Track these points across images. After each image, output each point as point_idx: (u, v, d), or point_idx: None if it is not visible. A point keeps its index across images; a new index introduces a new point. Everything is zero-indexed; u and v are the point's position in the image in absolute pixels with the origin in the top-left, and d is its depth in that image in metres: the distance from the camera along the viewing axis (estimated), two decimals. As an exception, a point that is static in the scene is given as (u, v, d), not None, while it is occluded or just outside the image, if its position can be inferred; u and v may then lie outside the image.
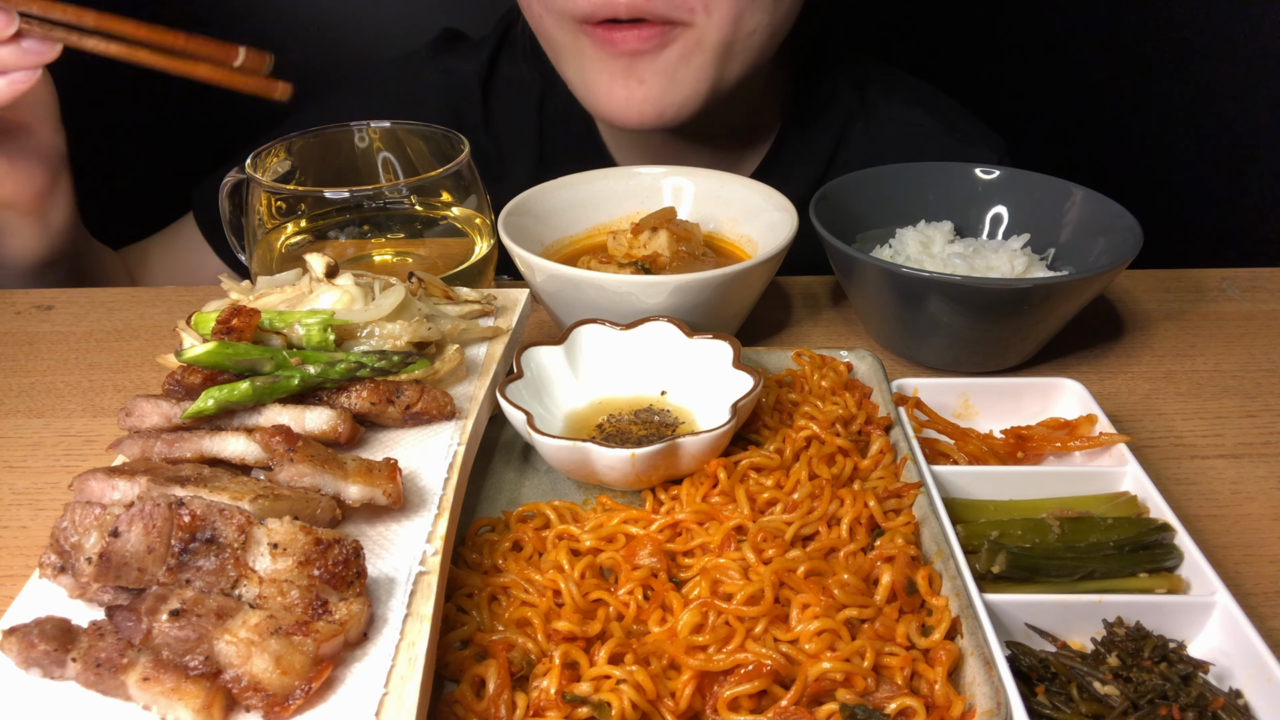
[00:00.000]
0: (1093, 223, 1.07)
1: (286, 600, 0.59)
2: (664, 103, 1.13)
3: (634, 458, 0.75)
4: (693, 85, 1.13)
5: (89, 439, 0.95)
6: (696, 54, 1.11)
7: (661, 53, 1.10)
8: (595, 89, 1.15)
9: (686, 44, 1.10)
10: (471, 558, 0.75)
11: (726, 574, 0.70)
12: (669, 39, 1.10)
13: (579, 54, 1.15)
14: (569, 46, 1.16)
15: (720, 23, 1.09)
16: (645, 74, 1.11)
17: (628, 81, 1.12)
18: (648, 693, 0.61)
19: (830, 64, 1.41)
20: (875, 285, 1.00)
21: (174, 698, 0.54)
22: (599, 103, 1.16)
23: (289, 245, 1.07)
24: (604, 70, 1.13)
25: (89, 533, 0.61)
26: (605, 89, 1.14)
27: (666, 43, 1.10)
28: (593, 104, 1.17)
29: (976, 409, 0.93)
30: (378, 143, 1.14)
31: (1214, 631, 0.68)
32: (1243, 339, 1.11)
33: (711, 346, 0.89)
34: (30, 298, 1.21)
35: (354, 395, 0.76)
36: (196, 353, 0.74)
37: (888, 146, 1.38)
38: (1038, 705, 0.64)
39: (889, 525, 0.75)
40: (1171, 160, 2.19)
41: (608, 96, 1.14)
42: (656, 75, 1.11)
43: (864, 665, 0.63)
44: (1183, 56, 2.10)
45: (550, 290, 0.99)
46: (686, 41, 1.10)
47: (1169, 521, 0.75)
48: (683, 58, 1.11)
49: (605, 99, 1.14)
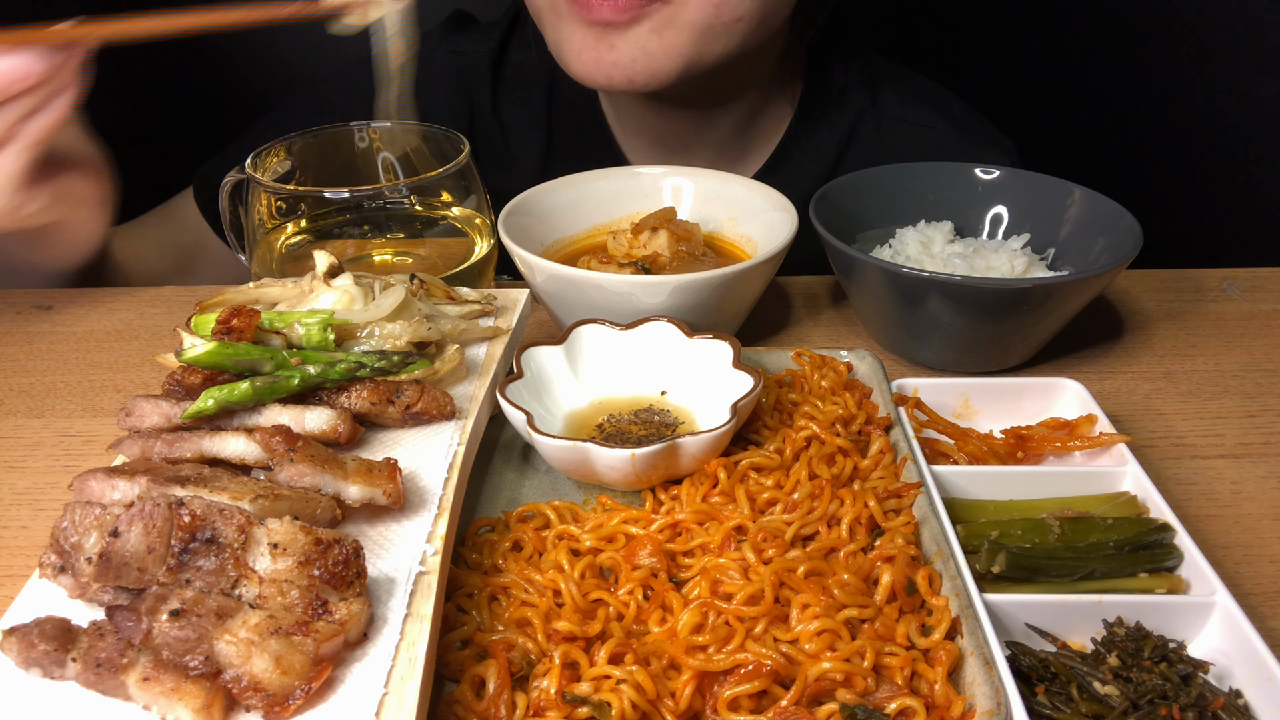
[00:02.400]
0: (1093, 223, 1.07)
1: (286, 600, 0.59)
2: (634, 70, 1.13)
3: (634, 458, 0.75)
4: (664, 60, 1.13)
5: (89, 439, 0.95)
6: (669, 30, 1.11)
7: (634, 26, 1.11)
8: (568, 49, 1.16)
9: (660, 20, 1.11)
10: (471, 558, 0.75)
11: (726, 574, 0.70)
12: (643, 14, 1.10)
13: (555, 14, 1.17)
14: (547, 7, 1.18)
15: (698, 2, 1.10)
16: (617, 42, 1.12)
17: (598, 46, 1.13)
18: (648, 693, 0.61)
19: (842, 60, 1.41)
20: (875, 285, 1.00)
21: (174, 698, 0.54)
22: (571, 62, 1.17)
23: (289, 245, 1.07)
24: (577, 32, 1.14)
25: (89, 533, 0.61)
26: (577, 50, 1.15)
27: (640, 17, 1.10)
28: (565, 63, 1.19)
29: (976, 409, 0.93)
30: (378, 143, 1.14)
31: (1214, 631, 0.68)
32: (1243, 339, 1.11)
33: (711, 346, 0.89)
34: (30, 298, 1.21)
35: (354, 395, 0.76)
36: (196, 353, 0.75)
37: (897, 146, 1.37)
38: (1038, 705, 0.64)
39: (889, 525, 0.75)
40: (1171, 160, 2.19)
41: (579, 58, 1.15)
42: (628, 45, 1.12)
43: (864, 665, 0.63)
44: (1183, 56, 2.10)
45: (550, 290, 0.99)
46: (660, 17, 1.11)
47: (1169, 521, 0.75)
48: (654, 32, 1.11)
49: (576, 60, 1.16)
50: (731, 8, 1.11)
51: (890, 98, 1.41)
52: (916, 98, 1.42)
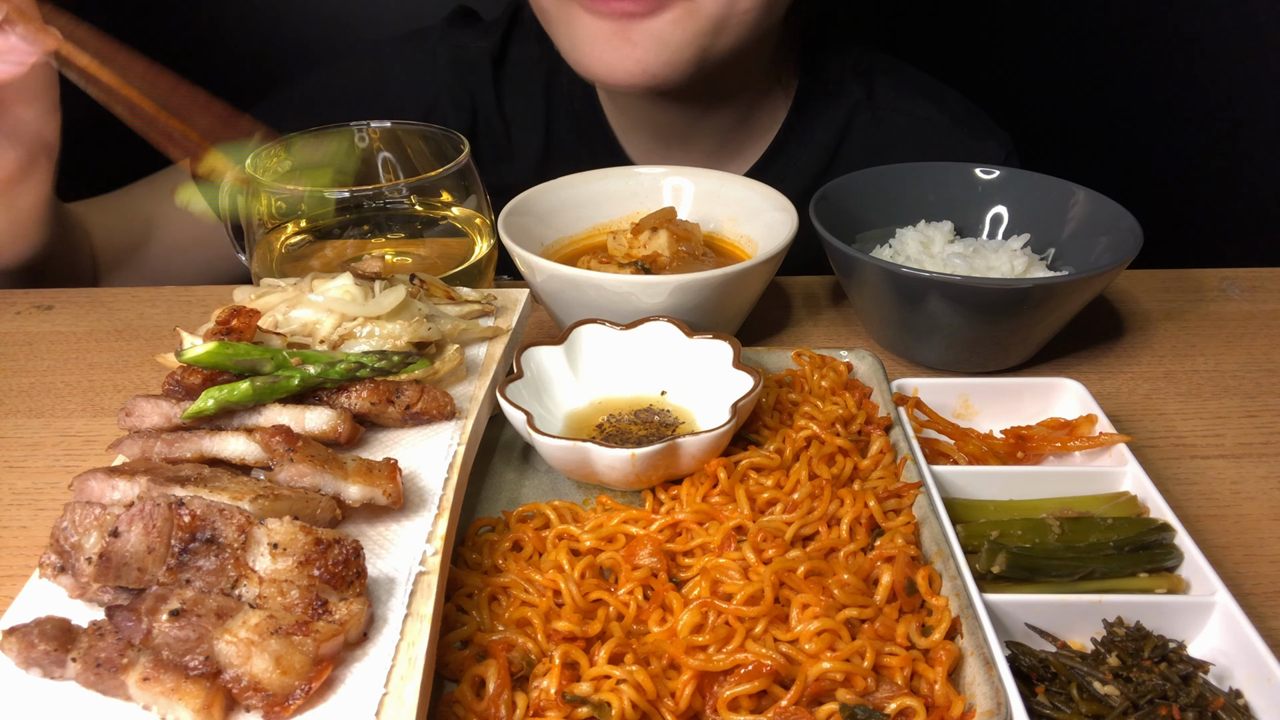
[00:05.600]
0: (1093, 223, 1.07)
1: (286, 600, 0.59)
2: (655, 64, 1.13)
3: (634, 458, 0.75)
4: (680, 50, 1.13)
5: (89, 439, 0.95)
6: (689, 21, 1.12)
7: (654, 17, 1.11)
8: (584, 50, 1.16)
9: (680, 11, 1.11)
10: (471, 558, 0.75)
11: (726, 574, 0.70)
12: (664, 5, 1.10)
13: (569, 18, 1.16)
14: (558, 13, 1.18)
15: None
16: (636, 35, 1.12)
17: (618, 43, 1.13)
18: (648, 693, 0.61)
19: (838, 53, 1.42)
20: (875, 285, 1.00)
21: (174, 698, 0.54)
22: (587, 63, 1.17)
23: (289, 245, 1.07)
24: (594, 32, 1.14)
25: (89, 533, 0.61)
26: (594, 50, 1.15)
27: (659, 8, 1.11)
28: (581, 65, 1.18)
29: (976, 409, 0.93)
30: (378, 143, 1.14)
31: (1214, 631, 0.68)
32: (1243, 339, 1.11)
33: (711, 346, 0.89)
34: (30, 298, 1.21)
35: (354, 395, 0.76)
36: (196, 353, 0.75)
37: (893, 139, 1.38)
38: (1038, 705, 0.64)
39: (889, 525, 0.75)
40: (1171, 160, 2.19)
41: (596, 57, 1.15)
42: (648, 37, 1.12)
43: (864, 665, 0.63)
44: (1184, 56, 2.10)
45: (550, 290, 0.99)
46: (680, 9, 1.11)
47: (1169, 521, 0.75)
48: (675, 23, 1.12)
49: (593, 59, 1.15)
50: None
51: (886, 90, 1.41)
52: (912, 90, 1.43)
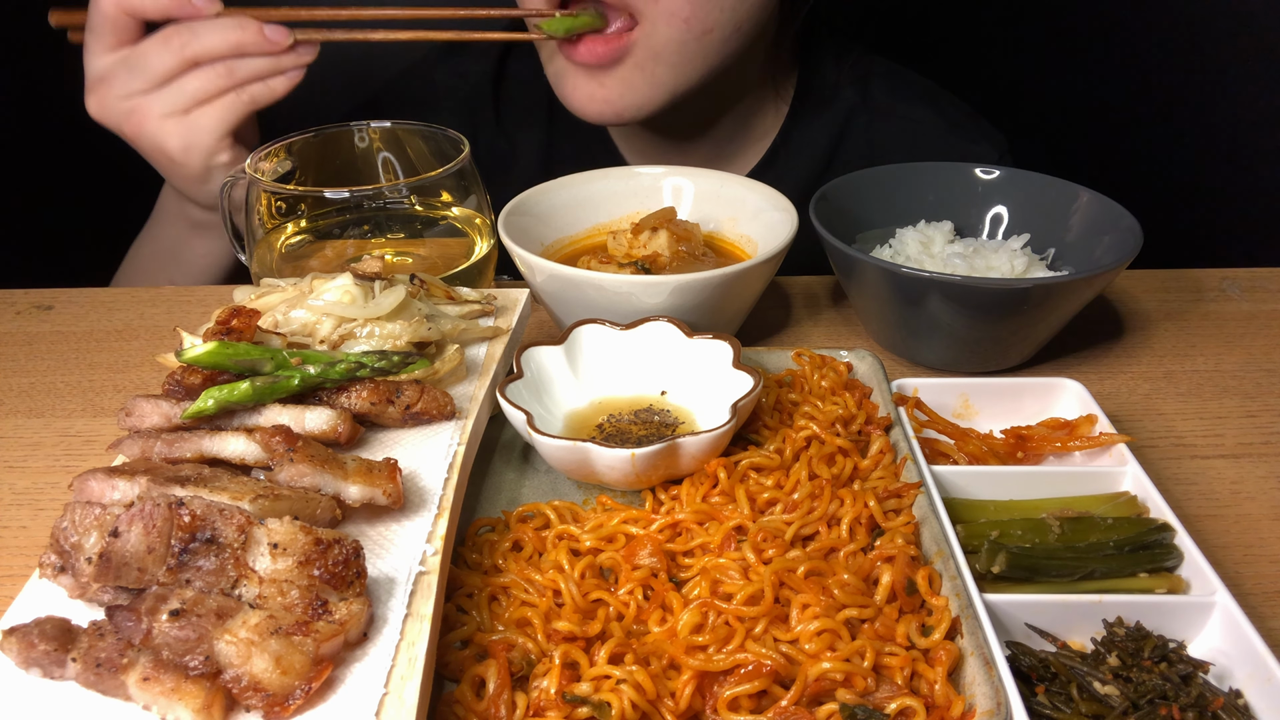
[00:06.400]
0: (1093, 223, 1.07)
1: (286, 600, 0.59)
2: (621, 105, 1.23)
3: (634, 458, 0.75)
4: (648, 92, 1.22)
5: (89, 439, 0.95)
6: (650, 64, 1.19)
7: (618, 67, 1.20)
8: (564, 87, 1.26)
9: (640, 56, 1.19)
10: (471, 558, 0.75)
11: (726, 574, 0.70)
12: (623, 53, 1.18)
13: (551, 55, 1.26)
14: (544, 51, 1.28)
15: (668, 18, 1.15)
16: (605, 79, 1.22)
17: (592, 87, 1.23)
18: (648, 693, 0.61)
19: (834, 58, 1.42)
20: (875, 285, 1.00)
21: (174, 698, 0.54)
22: (566, 97, 1.26)
23: (289, 245, 1.07)
24: (571, 72, 1.23)
25: (89, 533, 0.61)
26: (572, 89, 1.24)
27: (621, 56, 1.18)
28: (562, 97, 1.28)
29: (976, 409, 0.93)
30: (378, 143, 1.14)
31: (1214, 631, 0.68)
32: (1243, 339, 1.11)
33: (711, 346, 0.89)
34: (30, 298, 1.21)
35: (354, 395, 0.76)
36: (196, 353, 0.74)
37: (889, 142, 1.39)
38: (1038, 705, 0.64)
39: (889, 525, 0.75)
40: (1171, 160, 2.19)
41: (572, 94, 1.25)
42: (616, 82, 1.21)
43: (864, 665, 0.63)
44: (1183, 56, 2.10)
45: (550, 290, 0.99)
46: (640, 54, 1.18)
47: (1169, 521, 0.75)
48: (637, 68, 1.20)
49: (571, 96, 1.25)
50: (700, 20, 1.16)
51: (882, 93, 1.42)
52: (908, 93, 1.43)
